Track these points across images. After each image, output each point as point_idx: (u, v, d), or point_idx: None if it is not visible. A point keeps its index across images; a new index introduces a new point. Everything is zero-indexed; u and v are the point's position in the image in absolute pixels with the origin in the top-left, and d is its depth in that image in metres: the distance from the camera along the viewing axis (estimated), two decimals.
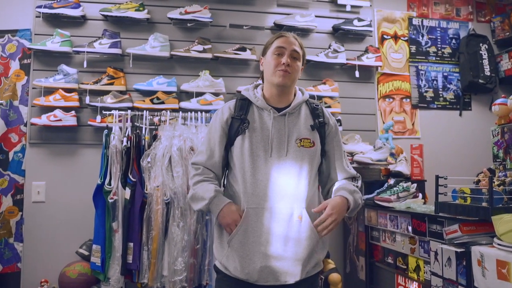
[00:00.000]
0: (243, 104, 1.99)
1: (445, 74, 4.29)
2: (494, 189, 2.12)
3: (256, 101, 1.98)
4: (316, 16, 3.92)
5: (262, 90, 2.04)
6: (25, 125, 3.47)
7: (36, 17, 3.52)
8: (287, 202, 1.85)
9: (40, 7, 3.46)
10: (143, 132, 3.22)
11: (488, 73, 4.16)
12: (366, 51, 3.98)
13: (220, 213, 1.86)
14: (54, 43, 3.41)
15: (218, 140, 1.96)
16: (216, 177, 1.99)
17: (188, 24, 3.71)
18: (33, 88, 3.45)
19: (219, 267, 1.93)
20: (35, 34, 3.52)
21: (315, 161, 1.94)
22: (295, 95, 2.04)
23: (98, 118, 3.40)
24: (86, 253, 3.20)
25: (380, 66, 4.06)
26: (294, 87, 2.05)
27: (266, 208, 1.83)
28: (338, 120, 3.79)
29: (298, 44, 2.00)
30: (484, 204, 2.15)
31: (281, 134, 1.92)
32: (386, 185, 3.18)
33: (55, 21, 3.54)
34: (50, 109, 3.38)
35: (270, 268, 1.80)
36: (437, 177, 2.43)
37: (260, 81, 2.12)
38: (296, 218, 1.84)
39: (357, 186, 1.98)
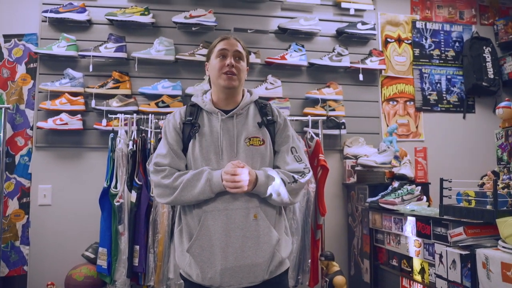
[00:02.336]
0: (193, 110, 2.01)
1: (449, 77, 4.31)
2: (498, 192, 2.13)
3: (204, 105, 1.99)
4: (320, 20, 3.94)
5: (211, 94, 2.05)
6: (31, 128, 3.50)
7: (42, 21, 3.55)
8: (242, 202, 1.85)
9: (46, 11, 3.49)
10: (149, 135, 3.24)
11: (492, 76, 4.17)
12: (370, 54, 4.00)
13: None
14: (60, 47, 3.44)
15: (177, 145, 1.95)
16: None
17: (193, 28, 3.73)
18: (39, 92, 3.49)
19: (184, 275, 1.93)
20: (41, 39, 3.55)
21: (266, 159, 1.95)
22: (243, 96, 2.06)
23: (104, 121, 3.43)
24: (92, 256, 3.22)
25: (384, 69, 4.08)
26: (242, 88, 2.06)
27: (221, 210, 1.84)
28: (342, 123, 3.81)
29: (240, 45, 2.02)
30: (488, 207, 2.16)
31: (230, 135, 1.93)
32: (390, 188, 3.19)
33: (61, 25, 3.57)
34: (56, 112, 3.42)
35: (231, 271, 1.80)
36: (442, 180, 2.45)
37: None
38: (252, 218, 1.85)
39: (295, 181, 1.91)
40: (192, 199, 1.84)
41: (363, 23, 3.99)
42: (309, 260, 3.28)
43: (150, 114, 3.32)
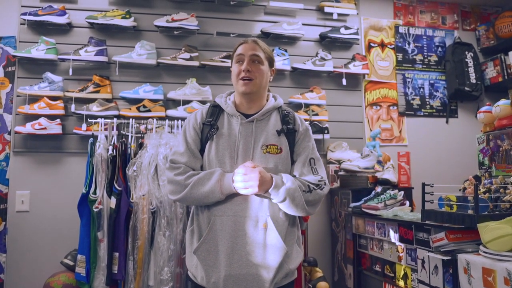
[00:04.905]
0: (214, 111, 2.02)
1: (432, 81, 4.33)
2: (479, 196, 2.12)
3: (226, 107, 2.00)
4: (303, 24, 3.94)
5: (235, 97, 2.06)
6: (9, 133, 3.42)
7: (21, 24, 3.49)
8: (252, 210, 1.85)
9: (25, 14, 3.43)
10: (129, 140, 3.18)
11: (474, 81, 4.20)
12: (353, 59, 4.00)
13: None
14: (39, 50, 3.38)
15: (194, 145, 1.97)
16: None
17: (175, 32, 3.70)
18: (17, 96, 3.41)
19: (190, 276, 1.94)
20: (19, 42, 3.49)
21: (282, 167, 1.92)
22: (267, 101, 2.05)
23: (84, 126, 3.37)
24: (71, 263, 3.16)
25: (367, 74, 4.09)
26: (265, 93, 2.05)
27: (230, 216, 1.84)
28: (326, 128, 3.80)
29: (259, 48, 2.01)
30: (470, 211, 2.15)
31: (248, 140, 1.92)
32: (373, 192, 3.18)
33: (40, 28, 3.51)
34: (35, 117, 3.35)
35: (234, 278, 1.79)
36: (424, 185, 2.43)
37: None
38: (261, 227, 1.84)
39: (309, 191, 1.87)
40: (201, 197, 1.84)
41: (346, 28, 4.00)
42: None
43: (131, 119, 3.26)
